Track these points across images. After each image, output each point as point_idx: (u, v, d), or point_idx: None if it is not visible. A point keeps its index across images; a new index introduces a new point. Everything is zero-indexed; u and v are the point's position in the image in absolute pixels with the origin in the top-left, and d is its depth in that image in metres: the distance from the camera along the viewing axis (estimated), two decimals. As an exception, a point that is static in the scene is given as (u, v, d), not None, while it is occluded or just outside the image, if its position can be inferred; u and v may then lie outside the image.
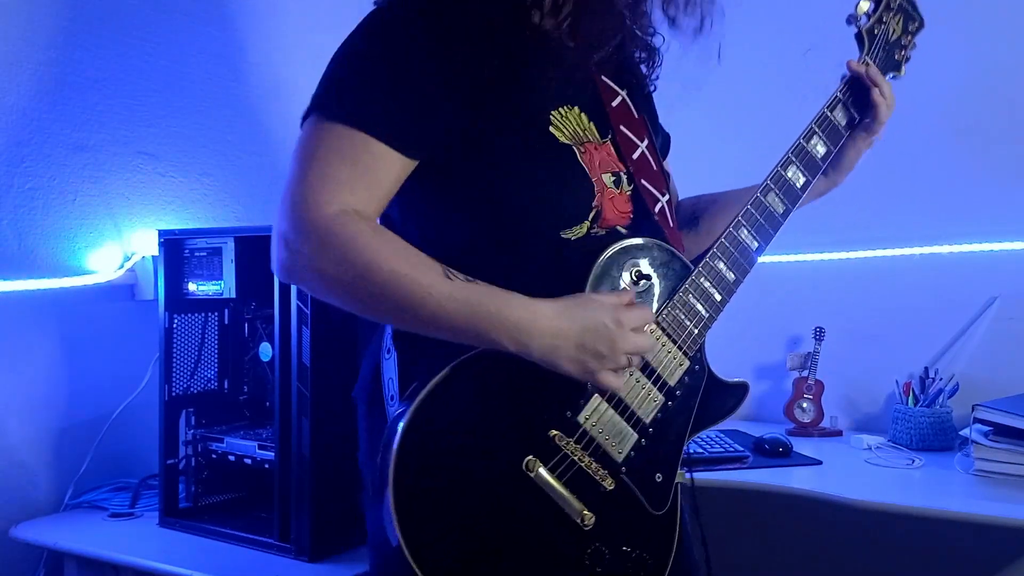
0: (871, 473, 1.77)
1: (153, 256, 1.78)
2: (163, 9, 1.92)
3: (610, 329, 0.93)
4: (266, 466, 1.53)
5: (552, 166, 0.99)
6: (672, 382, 1.03)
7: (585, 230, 1.00)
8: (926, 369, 2.02)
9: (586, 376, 0.94)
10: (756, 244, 1.08)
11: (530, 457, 0.93)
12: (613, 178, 1.04)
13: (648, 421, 1.01)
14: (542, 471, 0.93)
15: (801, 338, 2.22)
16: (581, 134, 1.02)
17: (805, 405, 2.14)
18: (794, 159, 1.12)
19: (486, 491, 0.92)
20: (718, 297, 1.06)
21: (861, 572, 2.13)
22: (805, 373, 2.15)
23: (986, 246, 2.05)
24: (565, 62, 1.02)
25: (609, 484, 0.98)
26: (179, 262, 1.65)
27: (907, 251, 2.13)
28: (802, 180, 1.12)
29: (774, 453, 1.85)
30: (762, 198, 1.09)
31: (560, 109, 1.00)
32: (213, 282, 1.61)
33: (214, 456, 1.63)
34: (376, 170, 0.93)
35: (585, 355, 0.93)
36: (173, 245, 1.64)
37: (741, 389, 1.10)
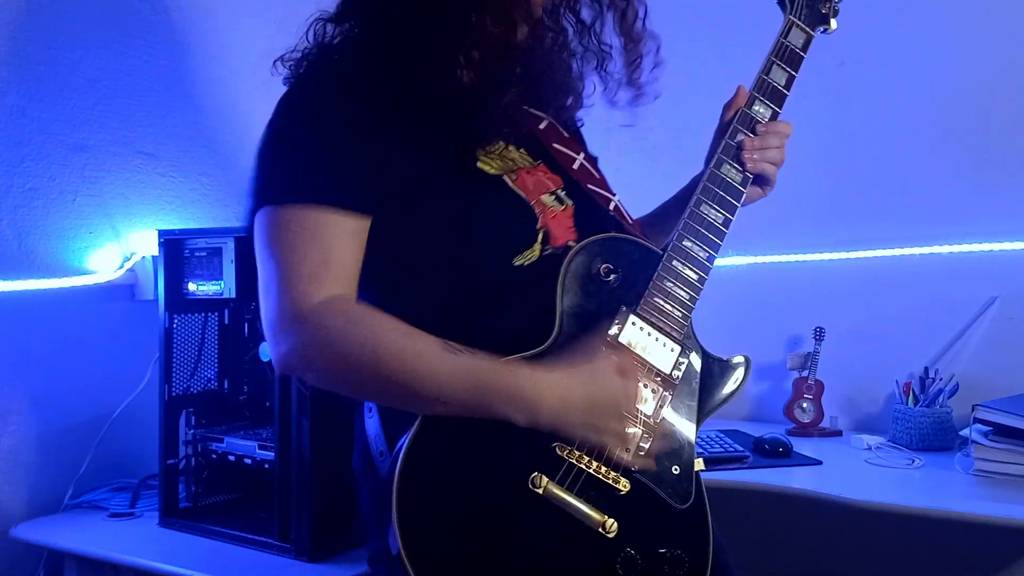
0: (871, 473, 1.77)
1: (153, 256, 1.78)
2: (163, 9, 1.92)
3: (622, 404, 0.94)
4: (266, 466, 1.53)
5: (487, 198, 0.99)
6: (668, 370, 1.01)
7: (538, 253, 1.00)
8: (926, 369, 2.02)
9: (598, 445, 0.94)
10: (721, 216, 1.08)
11: (535, 473, 0.91)
12: (552, 197, 1.04)
13: (650, 413, 0.99)
14: (550, 486, 0.91)
15: (801, 338, 2.22)
16: (510, 163, 1.02)
17: (805, 405, 2.14)
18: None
19: (497, 515, 0.90)
20: (694, 275, 1.05)
21: (861, 572, 2.13)
22: (805, 373, 2.15)
23: (986, 246, 2.05)
24: (479, 105, 1.01)
25: (624, 486, 0.95)
26: (179, 262, 1.65)
27: (907, 251, 2.13)
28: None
29: (774, 453, 1.85)
30: (716, 171, 1.09)
31: (485, 148, 1.01)
32: (213, 282, 1.61)
33: (214, 456, 1.63)
34: (337, 240, 0.93)
35: (595, 424, 0.93)
36: (173, 245, 1.64)
37: (742, 365, 1.09)
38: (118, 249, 1.85)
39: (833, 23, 1.19)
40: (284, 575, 1.40)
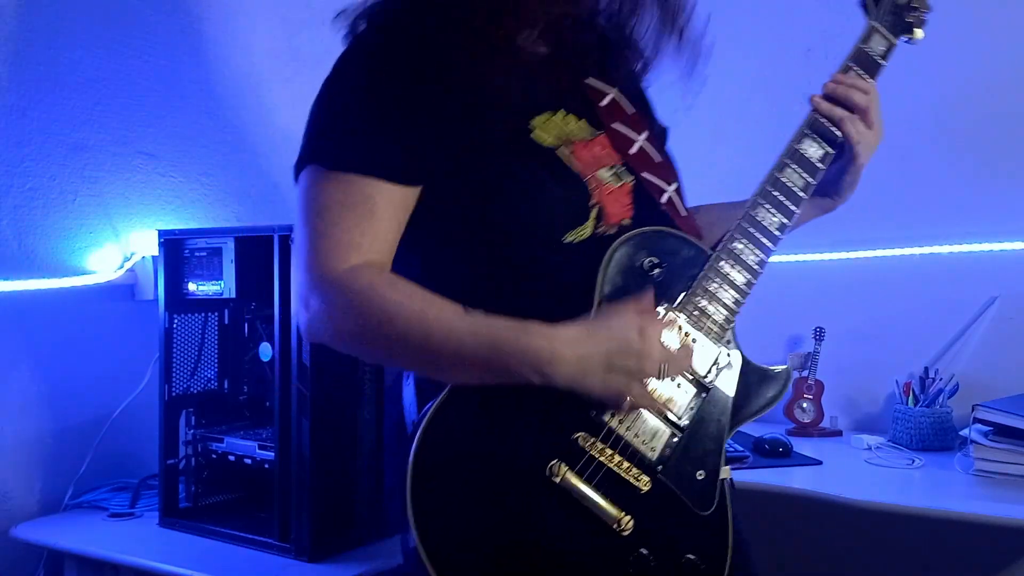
0: (871, 473, 1.77)
1: (153, 256, 1.78)
2: (162, 9, 1.92)
3: (635, 341, 0.90)
4: (266, 466, 1.53)
5: (539, 171, 0.97)
6: (701, 372, 0.98)
7: (589, 231, 0.97)
8: (926, 369, 2.02)
9: (619, 398, 0.91)
10: (777, 220, 1.03)
11: (555, 461, 0.89)
12: (610, 172, 1.01)
13: (681, 415, 0.96)
14: (569, 475, 0.90)
15: (801, 338, 2.22)
16: (568, 135, 1.00)
17: (805, 405, 2.14)
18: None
19: (511, 500, 0.89)
20: (741, 279, 1.01)
21: (861, 572, 2.13)
22: (805, 373, 2.15)
23: (986, 246, 2.05)
24: (543, 71, 1.01)
25: (645, 485, 0.93)
26: (179, 262, 1.65)
27: (907, 251, 2.13)
28: (819, 152, 1.07)
29: (774, 453, 1.85)
30: (778, 174, 1.05)
31: (543, 115, 0.99)
32: (213, 282, 1.61)
33: (214, 456, 1.63)
34: (379, 211, 0.93)
35: (614, 376, 0.90)
36: (173, 245, 1.64)
37: (783, 376, 1.05)
38: (118, 249, 1.85)
39: (919, 32, 1.15)
40: (284, 575, 1.40)
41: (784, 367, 1.05)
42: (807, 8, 2.19)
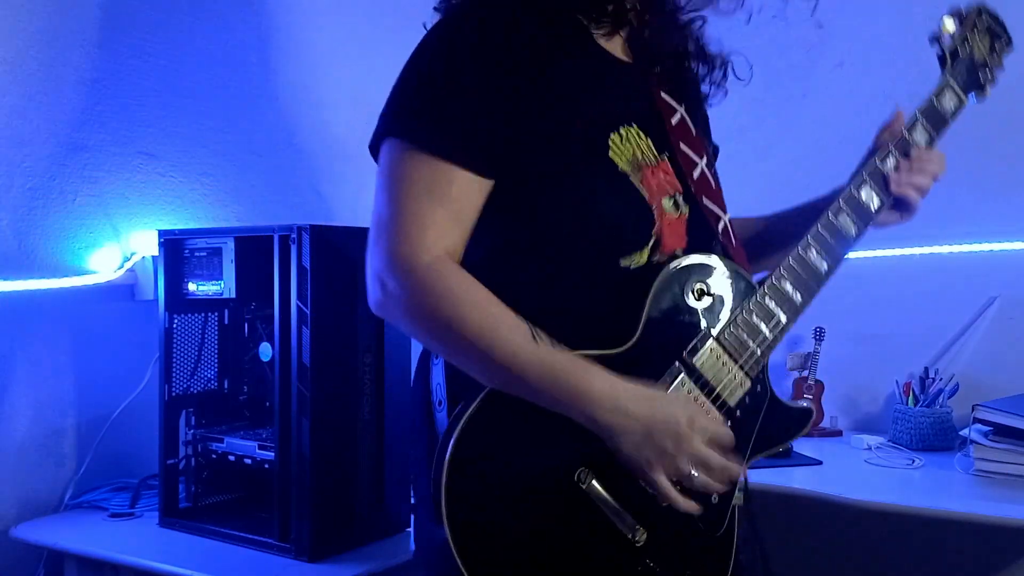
0: (871, 473, 1.77)
1: (153, 256, 1.78)
2: (163, 9, 1.92)
3: (682, 427, 0.91)
4: (266, 466, 1.53)
5: (611, 193, 0.98)
6: (732, 403, 1.01)
7: (646, 258, 0.99)
8: (926, 369, 2.02)
9: (643, 467, 0.92)
10: (825, 266, 1.05)
11: (583, 468, 0.92)
12: (671, 201, 1.02)
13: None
14: (595, 483, 0.92)
15: (801, 338, 2.22)
16: (640, 157, 1.00)
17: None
18: (856, 192, 1.09)
19: (538, 501, 0.92)
20: (783, 318, 1.02)
21: (861, 572, 2.13)
22: (805, 373, 2.15)
23: (986, 246, 2.05)
24: (624, 80, 1.03)
25: (664, 501, 0.95)
26: (179, 262, 1.65)
27: (907, 251, 2.13)
28: (876, 201, 1.10)
29: (774, 453, 1.85)
30: (833, 219, 1.06)
31: (620, 131, 0.99)
32: (213, 282, 1.61)
33: (214, 456, 1.63)
34: (461, 200, 0.95)
35: (648, 447, 0.91)
36: (173, 245, 1.64)
37: (805, 415, 1.08)
38: (118, 249, 1.85)
39: (988, 91, 1.17)
40: (284, 575, 1.40)
41: (806, 406, 1.08)
42: (807, 8, 2.19)
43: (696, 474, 0.92)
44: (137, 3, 1.87)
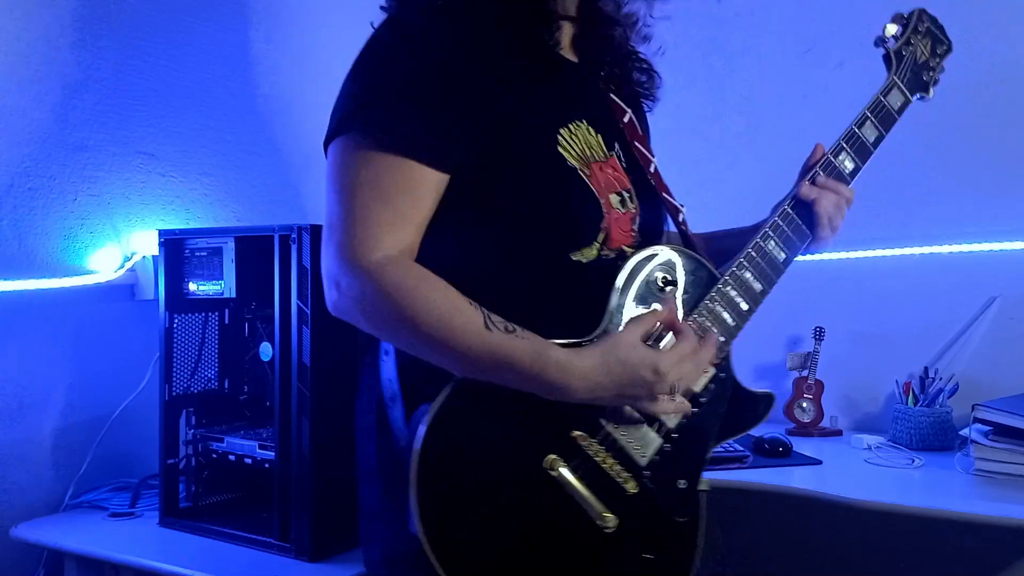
0: (871, 473, 1.77)
1: (153, 256, 1.78)
2: (163, 9, 1.92)
3: (648, 376, 0.93)
4: (266, 466, 1.53)
5: (560, 187, 0.99)
6: (697, 389, 1.03)
7: (595, 252, 1.00)
8: (926, 369, 2.02)
9: (634, 407, 0.96)
10: (783, 255, 1.09)
11: (551, 455, 0.93)
12: (619, 198, 1.03)
13: (672, 427, 1.01)
14: (563, 470, 0.93)
15: (801, 338, 2.22)
16: (588, 153, 1.01)
17: (805, 405, 2.14)
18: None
19: (507, 489, 0.93)
20: (745, 306, 1.06)
21: (861, 572, 2.13)
22: (805, 373, 2.15)
23: (986, 246, 2.05)
24: (572, 78, 1.04)
25: (632, 488, 0.97)
26: (179, 262, 1.65)
27: (907, 251, 2.13)
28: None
29: (774, 453, 1.85)
30: (789, 210, 1.11)
31: (569, 126, 1.00)
32: (213, 282, 1.61)
33: (214, 456, 1.63)
34: (414, 194, 0.94)
35: (624, 400, 0.95)
36: (173, 245, 1.64)
37: (766, 399, 1.11)
38: (118, 249, 1.85)
39: (931, 91, 1.23)
40: (284, 575, 1.40)
41: (766, 391, 1.11)
42: (808, 8, 2.19)
43: (678, 381, 0.95)
44: (137, 3, 1.88)
